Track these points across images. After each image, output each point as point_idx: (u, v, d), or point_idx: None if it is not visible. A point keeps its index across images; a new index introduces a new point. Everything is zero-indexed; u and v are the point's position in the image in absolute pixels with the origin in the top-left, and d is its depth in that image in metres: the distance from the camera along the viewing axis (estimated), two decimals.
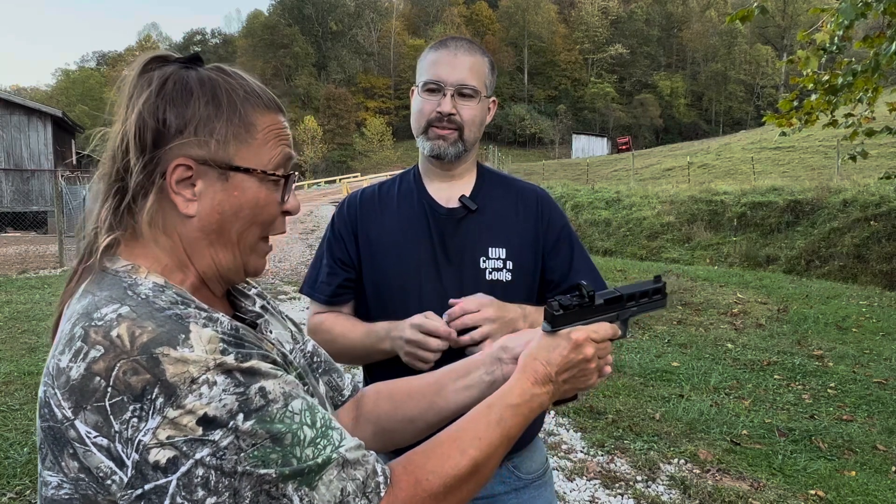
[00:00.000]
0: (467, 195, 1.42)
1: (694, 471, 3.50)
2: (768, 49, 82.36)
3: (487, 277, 1.38)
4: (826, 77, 5.47)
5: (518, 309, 1.32)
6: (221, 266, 0.80)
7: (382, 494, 0.71)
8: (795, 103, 5.77)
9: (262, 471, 0.64)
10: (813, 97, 5.60)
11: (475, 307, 1.26)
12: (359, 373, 1.66)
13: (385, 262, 1.40)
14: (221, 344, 0.67)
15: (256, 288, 0.98)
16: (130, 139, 0.74)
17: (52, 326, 0.78)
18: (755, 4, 5.10)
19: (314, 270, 1.50)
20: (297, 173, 0.85)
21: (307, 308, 1.56)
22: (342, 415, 1.01)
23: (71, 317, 0.70)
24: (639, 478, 3.42)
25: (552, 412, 4.26)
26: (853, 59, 5.58)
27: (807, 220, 13.24)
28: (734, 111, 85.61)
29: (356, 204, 1.47)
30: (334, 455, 0.69)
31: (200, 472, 0.63)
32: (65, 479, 0.65)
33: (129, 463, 0.62)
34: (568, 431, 4.03)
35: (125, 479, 0.63)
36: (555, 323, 0.89)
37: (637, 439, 3.89)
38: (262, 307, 0.93)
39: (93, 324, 0.66)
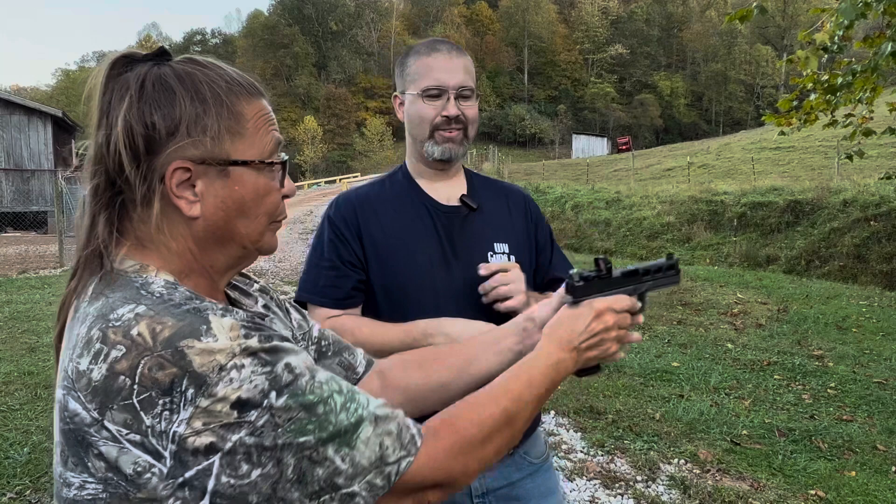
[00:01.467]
0: (465, 194, 1.47)
1: (694, 471, 3.50)
2: (768, 49, 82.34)
3: None
4: (826, 77, 5.48)
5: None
6: (232, 259, 0.81)
7: (419, 444, 0.73)
8: (795, 103, 5.77)
9: (302, 439, 0.66)
10: (812, 97, 5.60)
11: (510, 279, 1.32)
12: None
13: (394, 262, 1.40)
14: (243, 329, 0.68)
15: (259, 282, 0.98)
16: (122, 150, 0.72)
17: (56, 333, 0.77)
18: (754, 4, 5.10)
19: (313, 274, 1.43)
20: (286, 155, 0.85)
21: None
22: (363, 388, 1.01)
23: (84, 319, 0.69)
24: (639, 478, 3.42)
25: (552, 412, 4.27)
26: (853, 59, 5.58)
27: (807, 220, 13.24)
28: (734, 111, 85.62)
29: (353, 204, 1.45)
30: (365, 413, 0.71)
31: (242, 450, 0.64)
32: (90, 478, 0.65)
33: (166, 454, 0.63)
34: (568, 431, 4.03)
35: (165, 470, 0.63)
36: (576, 294, 0.96)
37: (637, 439, 3.89)
38: (265, 306, 0.93)
39: (110, 325, 0.66)
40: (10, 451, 3.53)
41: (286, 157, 0.84)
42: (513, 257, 1.45)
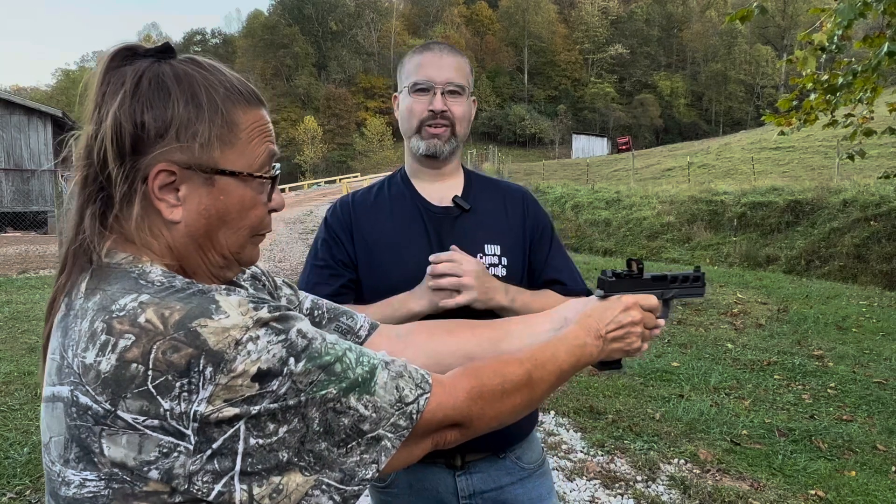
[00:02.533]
0: (459, 195, 1.47)
1: (694, 471, 3.50)
2: (768, 49, 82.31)
3: None
4: (826, 77, 5.48)
5: (501, 285, 1.36)
6: (213, 267, 0.79)
7: (430, 381, 0.76)
8: (795, 103, 5.77)
9: (324, 392, 0.67)
10: (812, 97, 5.61)
11: (459, 272, 1.31)
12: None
13: (384, 262, 1.42)
14: (251, 304, 0.68)
15: (248, 270, 0.96)
16: (108, 146, 0.70)
17: (45, 332, 0.76)
18: (755, 4, 5.10)
19: (306, 273, 1.47)
20: (279, 167, 0.83)
21: None
22: (377, 348, 1.01)
23: (84, 315, 0.68)
24: (639, 478, 3.42)
25: (552, 412, 4.27)
26: (853, 59, 5.59)
27: (807, 220, 13.25)
28: (734, 111, 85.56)
29: (349, 206, 1.49)
30: (376, 361, 0.74)
31: (266, 414, 0.64)
32: (91, 475, 0.65)
33: (188, 432, 0.62)
34: (568, 431, 4.02)
35: (191, 447, 0.63)
36: (607, 289, 1.04)
37: (637, 439, 3.89)
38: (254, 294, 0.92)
39: (114, 316, 0.65)
40: (10, 451, 3.53)
41: (278, 171, 0.82)
42: (505, 259, 1.44)
